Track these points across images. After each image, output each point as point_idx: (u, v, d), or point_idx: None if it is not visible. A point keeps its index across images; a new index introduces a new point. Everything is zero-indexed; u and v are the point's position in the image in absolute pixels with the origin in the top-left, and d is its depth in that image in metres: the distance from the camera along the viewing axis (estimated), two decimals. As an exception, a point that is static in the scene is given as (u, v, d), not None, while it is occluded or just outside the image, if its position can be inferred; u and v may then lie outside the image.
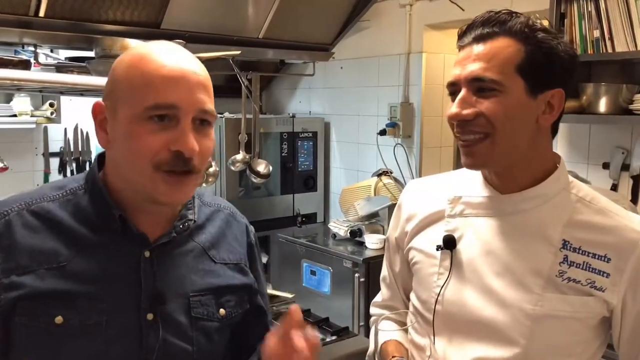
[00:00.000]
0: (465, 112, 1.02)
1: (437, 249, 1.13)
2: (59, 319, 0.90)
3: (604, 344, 1.11)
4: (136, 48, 0.98)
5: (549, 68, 1.03)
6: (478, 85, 1.02)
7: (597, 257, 1.03)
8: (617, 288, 1.03)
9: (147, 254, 0.98)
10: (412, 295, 1.22)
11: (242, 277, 1.10)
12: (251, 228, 1.20)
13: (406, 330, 1.18)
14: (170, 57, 0.94)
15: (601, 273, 1.03)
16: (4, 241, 0.93)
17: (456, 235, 1.12)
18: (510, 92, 1.01)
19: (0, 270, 0.91)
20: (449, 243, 1.12)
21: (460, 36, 1.08)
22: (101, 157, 1.03)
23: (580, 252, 1.04)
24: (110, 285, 0.95)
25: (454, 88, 1.06)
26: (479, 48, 1.03)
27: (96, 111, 0.97)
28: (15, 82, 1.73)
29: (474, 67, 1.02)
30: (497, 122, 1.01)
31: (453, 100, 1.06)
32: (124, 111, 0.92)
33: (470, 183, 1.15)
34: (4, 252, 0.92)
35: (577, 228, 1.05)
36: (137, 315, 0.95)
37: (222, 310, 1.04)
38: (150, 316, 0.96)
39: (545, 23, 1.08)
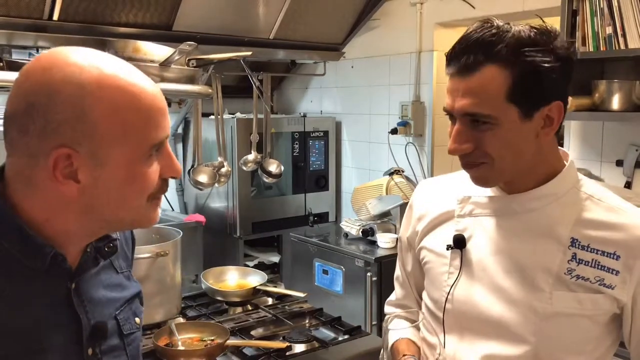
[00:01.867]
0: (464, 146, 1.03)
1: (447, 249, 1.14)
2: None
3: (616, 342, 1.11)
4: (101, 75, 0.79)
5: (540, 87, 1.00)
6: (471, 119, 1.01)
7: (606, 254, 1.03)
8: (626, 285, 1.03)
9: (73, 286, 0.88)
10: (424, 294, 1.23)
11: (134, 285, 1.05)
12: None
13: (417, 327, 1.18)
14: (148, 82, 0.85)
15: (610, 270, 1.03)
16: None
17: (466, 235, 1.13)
18: (504, 122, 1.00)
19: None
20: (459, 243, 1.12)
21: (447, 62, 1.04)
22: None
23: (589, 249, 1.04)
24: (47, 332, 0.84)
25: (449, 114, 1.06)
26: (466, 81, 1.00)
27: (59, 163, 0.78)
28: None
29: (464, 103, 1.00)
30: (495, 154, 1.02)
31: (452, 121, 1.06)
32: (120, 154, 0.81)
33: None
34: None
35: (586, 226, 1.05)
36: (80, 354, 0.88)
37: (137, 319, 1.02)
38: (90, 351, 0.89)
39: (549, 21, 1.05)
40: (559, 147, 1.12)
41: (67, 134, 0.78)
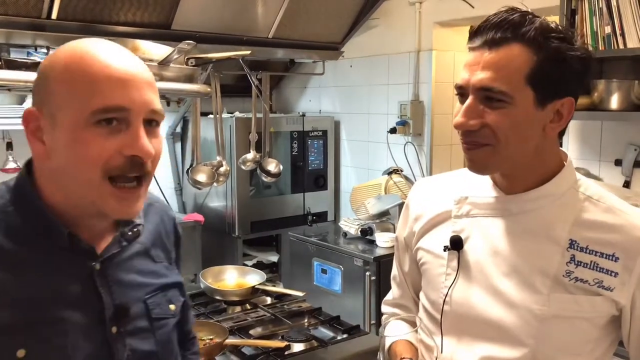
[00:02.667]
0: (472, 122, 1.00)
1: (445, 250, 1.13)
2: (20, 353, 0.84)
3: (615, 342, 1.10)
4: (71, 46, 0.89)
5: (560, 78, 1.00)
6: (486, 95, 0.99)
7: (604, 256, 1.02)
8: (626, 287, 1.02)
9: (97, 267, 0.93)
10: (422, 295, 1.22)
11: (174, 275, 1.10)
12: (177, 218, 1.18)
13: (416, 332, 1.18)
14: (115, 56, 0.87)
15: (609, 272, 1.02)
16: None
17: (463, 236, 1.12)
18: (518, 104, 0.98)
19: None
20: (456, 244, 1.11)
21: (471, 36, 1.03)
22: (28, 169, 0.94)
23: (588, 251, 1.03)
24: (68, 307, 0.89)
25: (461, 91, 1.03)
26: (489, 55, 0.99)
27: (28, 119, 0.88)
28: (29, 84, 1.75)
29: (482, 76, 0.99)
30: (501, 135, 1.00)
31: (461, 102, 1.04)
32: (66, 117, 0.85)
33: (477, 183, 1.14)
34: None
35: (584, 227, 1.04)
36: (103, 332, 0.92)
37: (172, 306, 1.05)
38: (114, 329, 0.93)
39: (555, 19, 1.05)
40: (559, 148, 1.12)
41: (38, 96, 0.89)
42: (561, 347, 1.04)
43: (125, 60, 0.88)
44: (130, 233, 0.99)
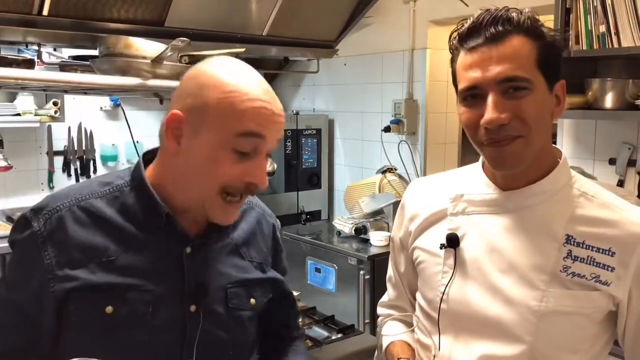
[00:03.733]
0: (503, 115, 0.99)
1: (441, 248, 1.12)
2: (109, 309, 0.97)
3: (611, 340, 1.11)
4: (225, 71, 1.00)
5: (558, 61, 1.04)
6: (509, 86, 0.99)
7: (601, 251, 1.03)
8: (622, 282, 1.02)
9: (188, 250, 1.04)
10: (418, 295, 1.22)
11: (264, 274, 1.17)
12: (278, 225, 1.28)
13: (412, 331, 1.17)
14: (261, 92, 0.99)
15: (606, 267, 1.02)
16: (57, 236, 0.98)
17: (459, 234, 1.12)
18: (538, 90, 1.00)
19: (54, 263, 0.97)
20: (452, 241, 1.11)
21: (466, 37, 1.03)
22: (144, 155, 1.09)
23: (584, 246, 1.03)
24: (156, 279, 1.01)
25: (473, 92, 1.02)
26: (498, 48, 0.99)
27: (173, 122, 0.99)
28: (19, 81, 1.72)
29: (502, 68, 0.99)
30: (532, 122, 1.00)
31: (469, 106, 1.03)
32: (210, 135, 0.97)
33: (472, 181, 1.14)
34: (58, 246, 0.98)
35: (580, 223, 1.05)
36: (181, 308, 1.02)
37: (252, 300, 1.12)
38: (193, 308, 1.03)
39: (543, 19, 1.07)
40: (552, 145, 1.12)
41: (187, 103, 0.99)
42: (559, 343, 1.04)
43: (271, 101, 0.99)
44: (221, 229, 1.08)
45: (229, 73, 1.00)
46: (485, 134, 1.02)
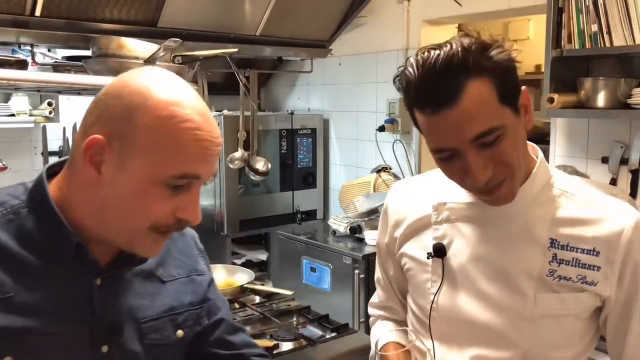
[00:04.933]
0: (489, 170, 0.97)
1: (428, 257, 1.12)
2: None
3: (599, 332, 1.12)
4: (159, 91, 0.85)
5: (515, 79, 0.99)
6: (483, 140, 0.95)
7: (585, 252, 1.03)
8: (609, 279, 1.03)
9: (98, 282, 0.91)
10: (409, 300, 1.22)
11: (196, 290, 1.05)
12: (196, 236, 1.14)
13: (405, 331, 1.18)
14: (204, 119, 0.86)
15: (591, 267, 1.03)
16: None
17: (445, 242, 1.11)
18: (510, 126, 0.96)
19: None
20: (439, 252, 1.11)
21: (419, 102, 0.98)
22: (48, 170, 0.94)
23: (569, 248, 1.03)
24: (63, 318, 0.87)
25: (446, 153, 0.98)
26: (459, 107, 0.93)
27: (92, 147, 0.84)
28: (13, 82, 1.72)
29: (471, 127, 0.93)
30: (514, 160, 0.98)
31: (446, 162, 1.00)
32: (141, 167, 0.84)
33: (455, 187, 1.09)
34: None
35: (562, 224, 1.05)
36: (92, 349, 0.90)
37: (179, 332, 1.00)
38: (105, 348, 0.91)
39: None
40: (527, 142, 1.08)
41: (111, 127, 0.84)
42: (550, 344, 1.05)
43: (211, 126, 0.87)
44: (139, 257, 0.95)
45: (163, 91, 0.84)
46: (473, 187, 1.02)
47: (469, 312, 1.08)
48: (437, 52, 0.95)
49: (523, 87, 1.01)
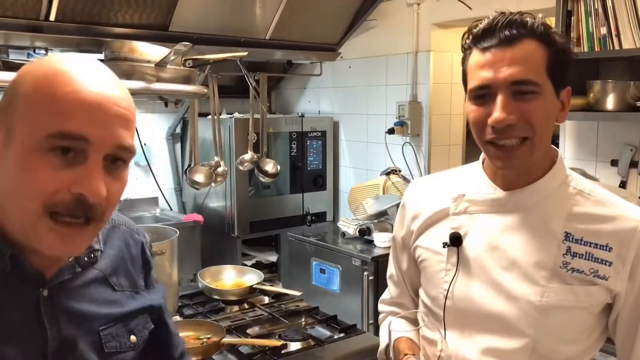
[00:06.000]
0: (512, 116, 1.02)
1: (444, 246, 1.15)
2: None
3: (607, 330, 1.14)
4: (49, 59, 0.80)
5: (566, 67, 1.06)
6: (518, 89, 1.02)
7: (599, 246, 1.06)
8: (620, 276, 1.06)
9: (45, 293, 0.83)
10: (421, 292, 1.25)
11: (141, 301, 1.01)
12: (147, 240, 1.07)
13: (417, 331, 1.20)
14: (90, 78, 0.77)
15: (604, 262, 1.06)
16: None
17: (462, 232, 1.15)
18: (546, 94, 1.03)
19: None
20: (455, 240, 1.14)
21: (480, 38, 1.06)
22: None
23: (583, 243, 1.07)
24: (8, 340, 0.79)
25: (483, 91, 1.05)
26: (511, 51, 1.02)
27: None
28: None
29: (513, 70, 1.01)
30: (538, 125, 1.03)
31: (478, 104, 1.06)
32: (21, 135, 0.75)
33: (473, 180, 1.18)
34: None
35: (578, 220, 1.08)
36: None
37: (132, 337, 0.96)
38: None
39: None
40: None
41: (2, 104, 0.79)
42: (559, 336, 1.08)
43: (101, 85, 0.77)
44: (86, 259, 0.90)
45: (45, 60, 0.78)
46: (491, 132, 1.05)
47: (482, 301, 1.11)
48: (510, 12, 1.06)
49: (568, 87, 1.08)
